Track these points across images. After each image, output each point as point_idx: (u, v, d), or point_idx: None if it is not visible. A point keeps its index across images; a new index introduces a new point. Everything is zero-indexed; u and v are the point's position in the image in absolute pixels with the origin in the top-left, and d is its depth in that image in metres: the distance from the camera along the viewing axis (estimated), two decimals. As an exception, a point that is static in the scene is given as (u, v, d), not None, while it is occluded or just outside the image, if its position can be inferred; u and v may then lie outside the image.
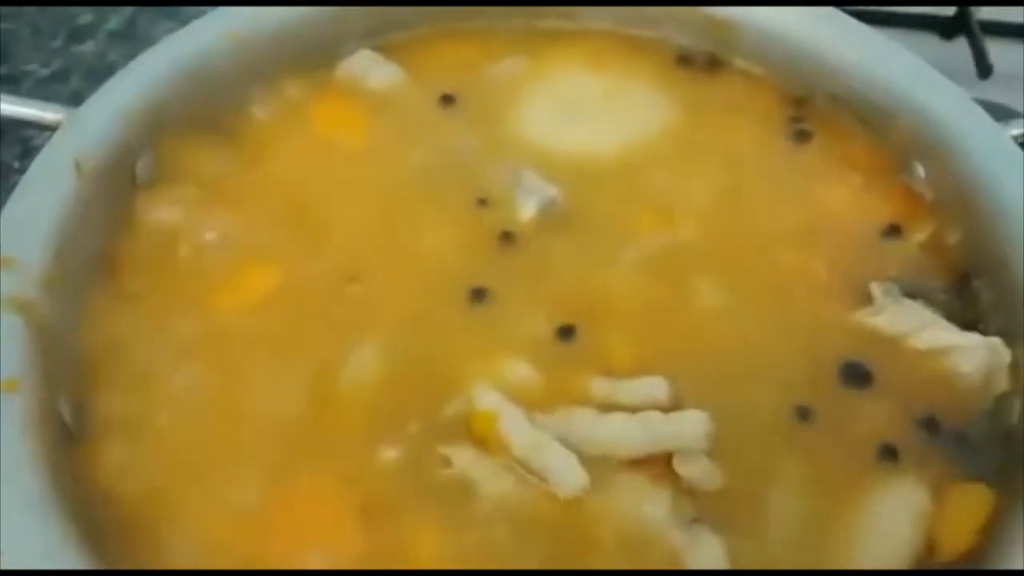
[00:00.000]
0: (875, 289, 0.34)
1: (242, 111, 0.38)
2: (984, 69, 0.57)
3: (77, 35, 0.57)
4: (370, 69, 0.40)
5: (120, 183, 0.34)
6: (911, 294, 0.34)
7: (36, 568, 0.24)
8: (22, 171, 0.32)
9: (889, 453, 0.30)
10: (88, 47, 0.56)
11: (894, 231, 0.36)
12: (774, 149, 0.40)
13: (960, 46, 0.58)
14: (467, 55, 0.42)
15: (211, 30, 0.39)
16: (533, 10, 0.43)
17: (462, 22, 0.43)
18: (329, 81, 0.40)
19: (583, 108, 0.40)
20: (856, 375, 0.32)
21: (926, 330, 0.32)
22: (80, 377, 0.30)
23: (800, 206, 0.38)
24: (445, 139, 0.38)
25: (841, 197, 0.38)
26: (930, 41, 0.59)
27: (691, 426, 0.29)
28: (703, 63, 0.42)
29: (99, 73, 0.54)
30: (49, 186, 0.32)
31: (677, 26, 0.42)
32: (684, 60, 0.42)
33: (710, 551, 0.27)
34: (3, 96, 0.35)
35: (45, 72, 0.55)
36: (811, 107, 0.40)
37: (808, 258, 0.36)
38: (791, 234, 0.36)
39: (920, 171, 0.37)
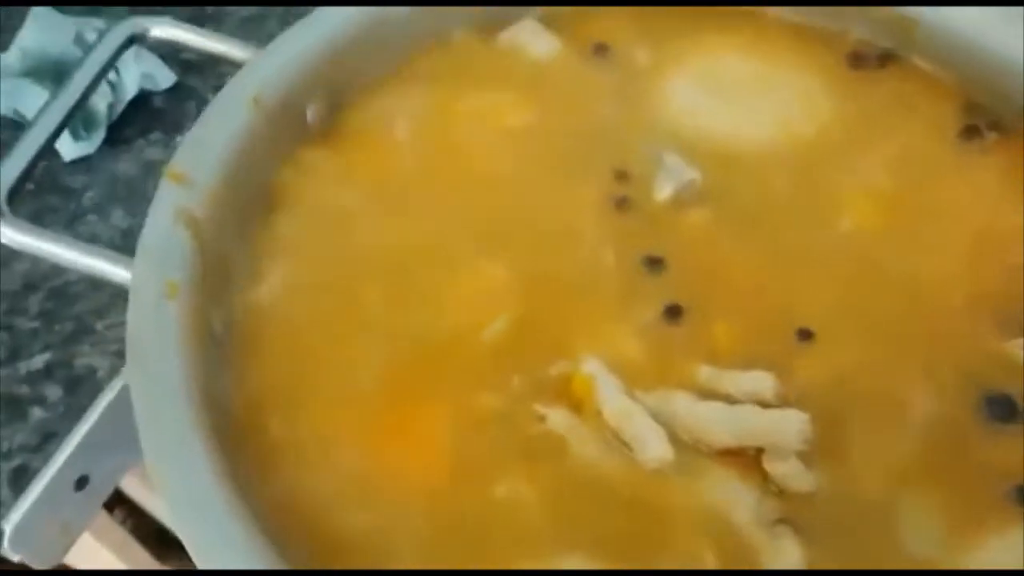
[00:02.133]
0: (1030, 320, 0.32)
1: (410, 66, 0.40)
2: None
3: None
4: (531, 39, 0.41)
5: (292, 124, 0.37)
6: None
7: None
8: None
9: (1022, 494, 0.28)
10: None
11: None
12: (943, 159, 0.37)
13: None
14: (627, 30, 0.42)
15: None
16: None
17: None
18: (491, 47, 0.41)
19: (737, 92, 0.39)
20: (1002, 407, 0.30)
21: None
22: (232, 293, 0.33)
23: (962, 222, 0.35)
24: (592, 110, 0.39)
25: (1011, 215, 0.35)
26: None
27: (789, 424, 0.28)
28: (876, 60, 0.40)
29: (295, 17, 0.58)
30: (227, 117, 0.35)
31: (858, 19, 0.41)
32: (857, 57, 0.41)
33: (789, 555, 0.27)
34: (205, 33, 0.38)
35: (245, 13, 0.59)
36: (994, 116, 0.38)
37: (970, 278, 0.34)
38: (949, 249, 0.35)
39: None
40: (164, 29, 0.37)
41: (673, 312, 0.32)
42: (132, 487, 0.53)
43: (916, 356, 0.32)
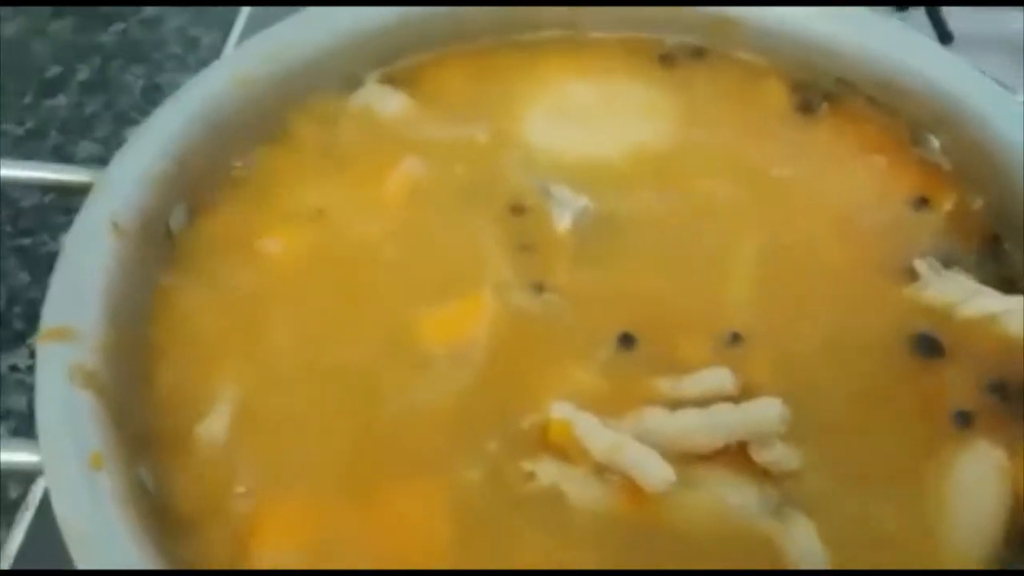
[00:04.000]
0: (919, 265, 0.35)
1: (266, 150, 0.38)
2: (945, 36, 0.59)
3: (47, 90, 0.55)
4: (378, 100, 0.40)
5: (156, 238, 0.33)
6: (951, 263, 0.35)
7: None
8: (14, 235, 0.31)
9: (964, 418, 0.31)
10: (61, 101, 0.55)
11: (923, 203, 0.37)
12: (788, 137, 0.40)
13: (918, 16, 0.60)
14: (470, 75, 0.42)
15: (219, 76, 0.38)
16: (535, 19, 0.43)
17: (464, 42, 0.42)
18: (342, 114, 0.39)
19: (587, 115, 0.40)
20: (928, 346, 0.33)
21: (973, 298, 0.33)
22: (153, 446, 0.29)
23: (827, 190, 0.38)
24: (464, 158, 0.38)
25: (865, 177, 0.39)
26: (886, 14, 0.61)
27: (765, 412, 0.29)
28: (687, 57, 0.42)
29: (77, 126, 0.53)
30: (91, 248, 0.31)
31: (676, 26, 0.43)
32: (667, 58, 0.43)
33: (804, 533, 0.28)
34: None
35: (20, 131, 0.53)
36: (817, 92, 0.41)
37: (849, 240, 0.36)
38: (828, 219, 0.37)
39: (935, 143, 0.39)
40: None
41: (626, 340, 0.32)
42: None
43: (835, 321, 0.34)
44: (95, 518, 0.25)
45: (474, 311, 0.34)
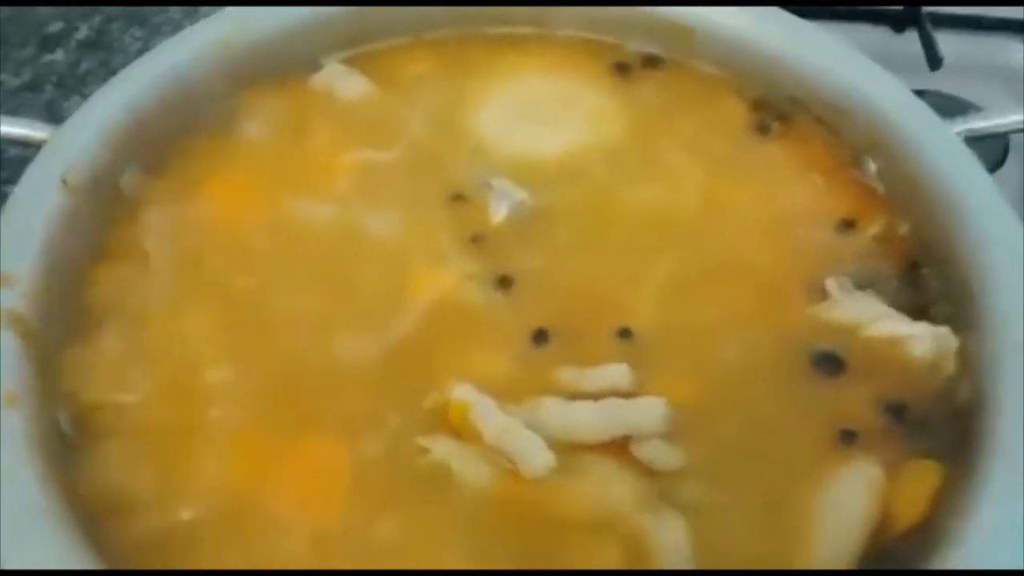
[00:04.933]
0: (830, 284, 0.36)
1: (224, 122, 0.39)
2: (934, 61, 0.59)
3: (47, 44, 0.57)
4: (339, 81, 0.42)
5: (106, 197, 0.35)
6: (866, 285, 0.36)
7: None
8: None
9: (849, 436, 0.32)
10: (59, 56, 0.57)
11: (849, 225, 0.38)
12: (736, 152, 0.41)
13: (912, 39, 0.60)
14: (433, 64, 0.44)
15: (193, 41, 0.39)
16: (504, 15, 0.44)
17: (434, 31, 0.44)
18: (303, 92, 0.41)
19: (540, 113, 0.41)
20: (829, 363, 0.34)
21: (880, 320, 0.34)
22: (75, 388, 0.31)
23: (761, 205, 0.39)
24: (415, 144, 0.40)
25: (801, 196, 0.40)
26: (882, 34, 0.62)
27: (648, 411, 0.31)
28: (639, 67, 0.43)
29: (72, 82, 0.55)
30: (37, 202, 0.33)
31: (637, 31, 0.44)
32: (620, 67, 0.44)
33: (673, 532, 0.29)
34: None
35: (17, 82, 0.55)
36: (771, 108, 0.42)
37: (774, 256, 0.37)
38: (757, 233, 0.38)
39: (872, 167, 0.39)
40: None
41: (539, 336, 0.34)
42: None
43: (744, 332, 0.35)
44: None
45: (406, 288, 0.36)
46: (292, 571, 0.28)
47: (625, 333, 0.34)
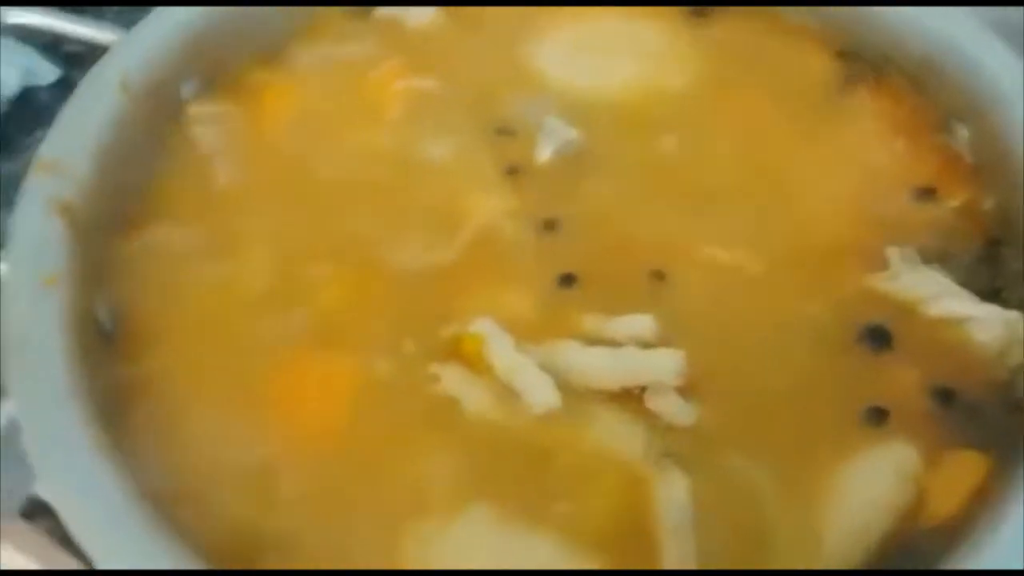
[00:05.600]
0: (892, 253, 0.33)
1: (289, 45, 0.40)
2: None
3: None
4: (408, 9, 0.41)
5: (165, 104, 0.36)
6: (933, 259, 0.33)
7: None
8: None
9: (878, 415, 0.29)
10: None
11: (927, 194, 0.35)
12: (815, 108, 0.38)
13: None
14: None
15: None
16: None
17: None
18: (370, 18, 0.41)
19: (605, 50, 0.40)
20: (877, 338, 0.31)
21: (942, 298, 0.32)
22: (117, 282, 0.33)
23: (833, 163, 0.37)
24: (474, 74, 0.39)
25: (878, 156, 0.37)
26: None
27: (665, 361, 0.29)
28: (719, 6, 0.41)
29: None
30: (97, 100, 0.34)
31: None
32: (699, 9, 0.41)
33: (676, 486, 0.28)
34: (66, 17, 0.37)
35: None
36: (857, 61, 0.39)
37: (838, 219, 0.35)
38: (824, 195, 0.36)
39: (962, 132, 0.36)
40: (19, 15, 0.36)
41: (567, 279, 0.33)
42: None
43: (788, 294, 0.33)
44: (33, 327, 0.29)
45: (443, 221, 0.35)
46: (291, 571, 0.28)
47: (658, 278, 0.33)
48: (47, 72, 0.51)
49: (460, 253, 0.34)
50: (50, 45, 0.51)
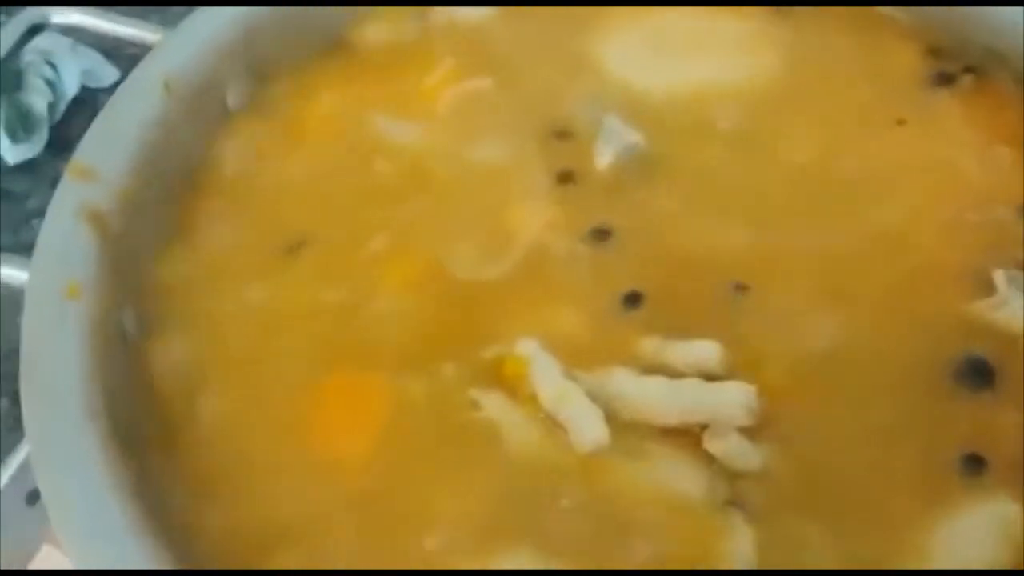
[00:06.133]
0: (999, 278, 0.29)
1: (337, 44, 0.38)
2: None
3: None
4: (462, 7, 0.39)
5: (209, 109, 0.35)
6: (1046, 284, 0.29)
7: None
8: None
9: (975, 463, 0.26)
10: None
11: (1037, 209, 0.31)
12: (908, 110, 0.35)
13: None
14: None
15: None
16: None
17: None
18: (422, 16, 0.39)
19: (675, 47, 0.37)
20: (977, 373, 0.28)
21: (1056, 329, 0.28)
22: (150, 297, 0.31)
23: (929, 173, 0.33)
24: (535, 72, 0.36)
25: (980, 166, 0.33)
26: None
27: (731, 397, 0.26)
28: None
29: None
30: (137, 104, 0.33)
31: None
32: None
33: (741, 539, 0.25)
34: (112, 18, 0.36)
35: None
36: (956, 58, 0.35)
37: (933, 236, 0.31)
38: (917, 203, 0.32)
39: (1081, 142, 0.32)
40: (67, 16, 0.35)
41: (632, 298, 0.30)
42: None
43: (877, 323, 0.29)
44: (49, 338, 0.27)
45: (493, 231, 0.33)
46: (291, 571, 0.26)
47: (728, 301, 0.29)
48: (107, 74, 0.51)
49: (511, 267, 0.32)
50: (111, 48, 0.51)
